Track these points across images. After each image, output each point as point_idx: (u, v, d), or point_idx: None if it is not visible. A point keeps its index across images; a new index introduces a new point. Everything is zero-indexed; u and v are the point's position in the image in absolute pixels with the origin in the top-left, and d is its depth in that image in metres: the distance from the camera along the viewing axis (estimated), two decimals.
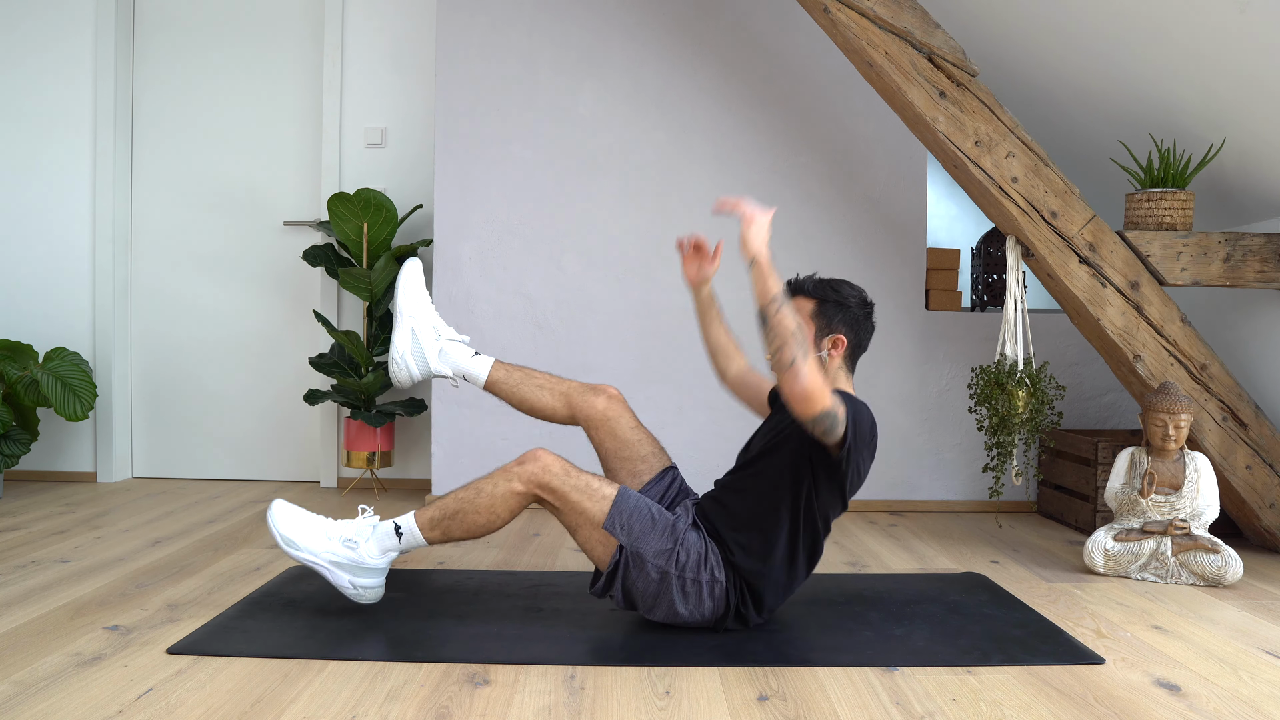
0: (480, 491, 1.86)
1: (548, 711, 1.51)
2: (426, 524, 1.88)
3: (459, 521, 1.87)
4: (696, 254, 2.16)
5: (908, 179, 3.25)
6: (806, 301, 1.96)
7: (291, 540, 1.89)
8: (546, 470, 1.84)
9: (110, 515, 2.98)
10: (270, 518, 1.92)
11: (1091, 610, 2.11)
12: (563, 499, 1.84)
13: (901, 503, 3.27)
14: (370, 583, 1.93)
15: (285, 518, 1.91)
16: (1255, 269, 2.63)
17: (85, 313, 3.60)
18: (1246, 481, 2.63)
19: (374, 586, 1.93)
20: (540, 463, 1.85)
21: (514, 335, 3.25)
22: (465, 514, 1.86)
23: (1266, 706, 1.58)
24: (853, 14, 2.57)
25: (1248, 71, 2.34)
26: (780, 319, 1.72)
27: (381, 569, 1.93)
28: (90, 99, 3.57)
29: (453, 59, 3.23)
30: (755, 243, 1.79)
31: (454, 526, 1.87)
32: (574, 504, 1.84)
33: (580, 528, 1.86)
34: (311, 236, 3.64)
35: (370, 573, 1.92)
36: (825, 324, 1.94)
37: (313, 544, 1.89)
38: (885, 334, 3.25)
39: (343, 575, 1.91)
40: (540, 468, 1.84)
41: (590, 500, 1.84)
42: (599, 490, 1.85)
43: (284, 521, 1.91)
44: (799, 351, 1.70)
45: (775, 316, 1.73)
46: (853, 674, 1.69)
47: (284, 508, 1.93)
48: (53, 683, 1.59)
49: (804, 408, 1.72)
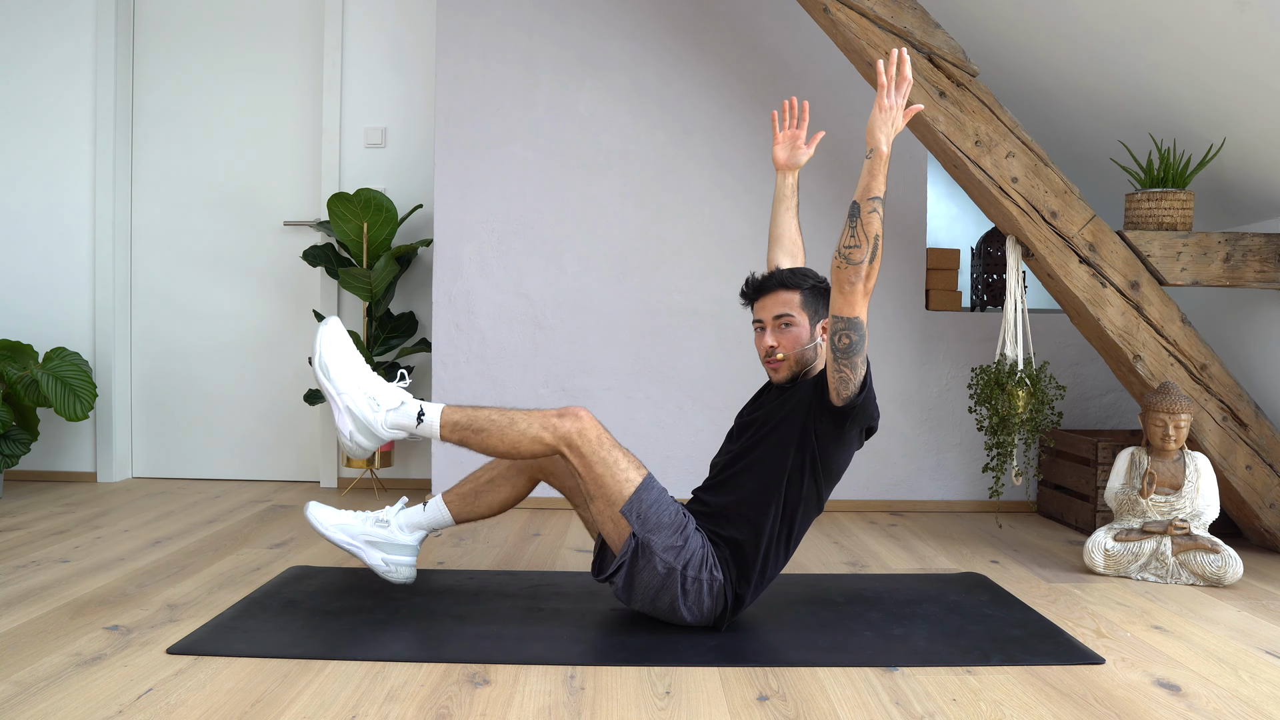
0: (514, 423, 1.88)
1: (548, 711, 1.51)
2: (450, 425, 1.91)
3: (481, 438, 1.89)
4: (792, 135, 2.15)
5: (908, 179, 3.25)
6: (791, 293, 1.96)
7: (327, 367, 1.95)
8: (582, 434, 1.85)
9: (110, 515, 2.98)
10: (320, 336, 1.96)
11: (1091, 610, 2.11)
12: (587, 466, 1.85)
13: (901, 503, 3.27)
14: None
15: (333, 341, 1.97)
16: (1255, 269, 2.63)
17: (85, 313, 3.60)
18: (1246, 481, 2.63)
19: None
20: (580, 424, 1.86)
21: (514, 335, 3.25)
22: (490, 434, 1.89)
23: (1266, 706, 1.58)
24: (853, 14, 2.57)
25: (1248, 71, 2.34)
26: (871, 219, 1.74)
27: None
28: (90, 99, 3.57)
29: (453, 59, 3.23)
30: (883, 132, 1.78)
31: (473, 439, 1.90)
32: (597, 475, 1.85)
33: (595, 499, 1.87)
34: (311, 236, 3.64)
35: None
36: (814, 310, 1.96)
37: (343, 380, 1.94)
38: (885, 334, 3.25)
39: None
40: (577, 430, 1.85)
41: (613, 478, 1.85)
42: (624, 471, 1.86)
43: (331, 344, 1.96)
44: (869, 256, 1.74)
45: (868, 215, 1.75)
46: (853, 674, 1.69)
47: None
48: (53, 683, 1.59)
49: (847, 300, 1.75)
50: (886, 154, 1.77)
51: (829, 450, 1.87)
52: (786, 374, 1.96)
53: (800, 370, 1.96)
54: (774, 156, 2.19)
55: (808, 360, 1.96)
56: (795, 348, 1.93)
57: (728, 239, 3.24)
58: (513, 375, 3.24)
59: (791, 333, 1.94)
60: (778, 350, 1.94)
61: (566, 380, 3.24)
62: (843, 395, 1.80)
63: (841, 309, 1.77)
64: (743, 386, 3.23)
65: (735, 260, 3.23)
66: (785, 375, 1.96)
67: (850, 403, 1.81)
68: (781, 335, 1.95)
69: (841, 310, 1.77)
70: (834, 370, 1.79)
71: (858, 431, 1.88)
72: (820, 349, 1.96)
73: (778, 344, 1.94)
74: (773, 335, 1.95)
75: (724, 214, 3.24)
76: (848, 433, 1.85)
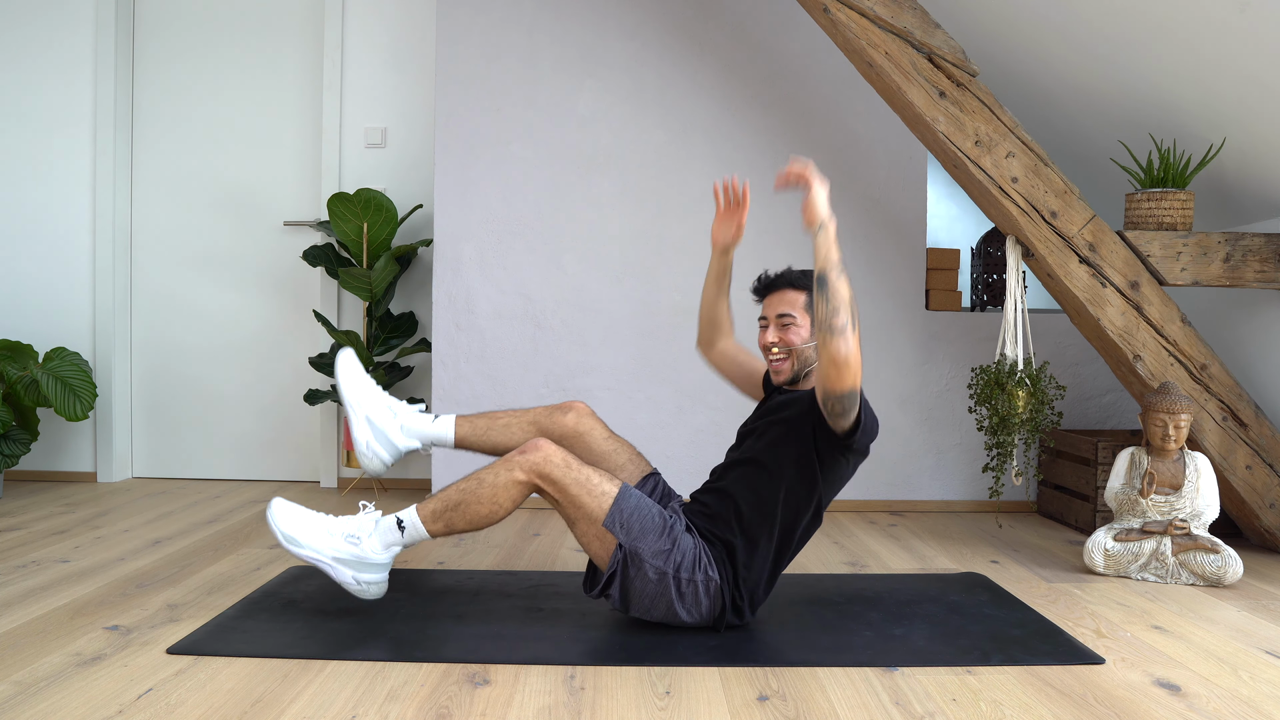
0: (482, 482, 1.86)
1: (548, 711, 1.51)
2: (429, 516, 1.88)
3: (461, 512, 1.87)
4: (730, 215, 2.15)
5: (908, 179, 3.25)
6: (797, 294, 1.99)
7: (293, 538, 1.89)
8: (548, 460, 1.84)
9: (110, 515, 2.98)
10: (270, 516, 1.91)
11: (1091, 610, 2.11)
12: (562, 491, 1.84)
13: (901, 503, 3.27)
14: (374, 578, 1.92)
15: (286, 516, 1.91)
16: (1255, 269, 2.63)
17: (85, 313, 3.60)
18: (1246, 481, 2.63)
19: (378, 582, 1.93)
20: (542, 452, 1.85)
21: (514, 335, 3.25)
22: (468, 504, 1.86)
23: (1266, 706, 1.58)
24: (853, 14, 2.57)
25: (1248, 71, 2.34)
26: (840, 284, 1.76)
27: (385, 564, 1.92)
28: (90, 98, 3.57)
29: (453, 59, 3.23)
30: (823, 209, 1.80)
31: (457, 518, 1.87)
32: (573, 497, 1.84)
33: (578, 521, 1.86)
34: (311, 236, 3.64)
35: (374, 568, 1.91)
36: None
37: (315, 541, 1.89)
38: (885, 334, 3.25)
39: (346, 571, 1.90)
40: (542, 457, 1.84)
41: (589, 495, 1.84)
42: (599, 486, 1.85)
43: (285, 519, 1.90)
44: (850, 320, 1.74)
45: (836, 281, 1.76)
46: (853, 674, 1.69)
47: (284, 506, 1.92)
48: (53, 683, 1.59)
49: (839, 375, 1.75)
50: (833, 224, 1.80)
51: (829, 459, 1.88)
52: (788, 373, 1.99)
53: (802, 369, 1.99)
54: (713, 233, 2.17)
55: (808, 360, 1.98)
56: (793, 346, 1.97)
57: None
58: (513, 375, 3.24)
59: (791, 331, 1.97)
60: (775, 347, 1.98)
61: (566, 380, 3.24)
62: (838, 429, 1.84)
63: (838, 384, 1.76)
64: None
65: (735, 260, 3.23)
66: (787, 374, 1.99)
67: (847, 434, 1.85)
68: (782, 333, 1.98)
69: (838, 386, 1.76)
70: (826, 414, 1.83)
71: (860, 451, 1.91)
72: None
73: (777, 341, 1.98)
74: (774, 332, 1.99)
75: None
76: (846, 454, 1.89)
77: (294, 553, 1.89)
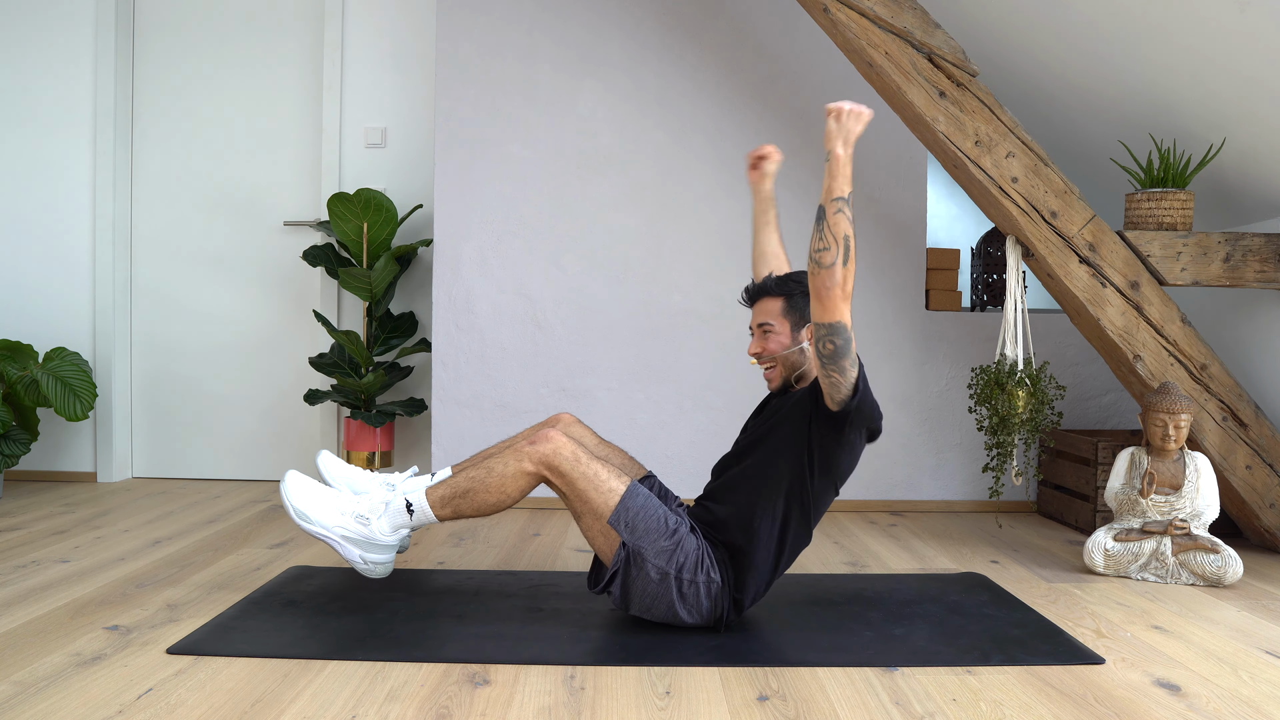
0: (491, 470, 1.87)
1: (548, 711, 1.51)
2: (438, 502, 1.90)
3: (470, 500, 1.88)
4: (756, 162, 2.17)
5: (908, 179, 3.25)
6: (774, 301, 1.98)
7: (304, 513, 1.91)
8: (557, 453, 1.84)
9: (110, 515, 2.98)
10: (284, 489, 1.92)
11: (1091, 610, 2.11)
12: (570, 485, 1.85)
13: (901, 503, 3.27)
14: (381, 558, 1.95)
15: (299, 490, 1.93)
16: (1255, 269, 2.63)
17: (85, 313, 3.60)
18: (1246, 481, 2.63)
19: (384, 562, 1.96)
20: (552, 444, 1.85)
21: (514, 335, 3.25)
22: (476, 492, 1.88)
23: (1266, 706, 1.58)
24: (853, 14, 2.57)
25: (1248, 71, 2.34)
26: (838, 220, 1.71)
27: (392, 545, 1.95)
28: (90, 98, 3.57)
29: (453, 59, 3.23)
30: (834, 138, 1.75)
31: (465, 505, 1.89)
32: (580, 492, 1.85)
33: (583, 515, 1.87)
34: (311, 236, 3.64)
35: (381, 549, 1.94)
36: (799, 316, 1.97)
37: (325, 518, 1.91)
38: (885, 334, 3.25)
39: (354, 550, 1.93)
40: (551, 449, 1.85)
41: (596, 492, 1.84)
42: (606, 483, 1.85)
43: (298, 494, 1.92)
44: (841, 257, 1.70)
45: (834, 216, 1.72)
46: (853, 674, 1.69)
47: (298, 480, 1.94)
48: (53, 683, 1.59)
49: (820, 306, 1.73)
50: (843, 156, 1.74)
51: (830, 455, 1.87)
52: (778, 380, 1.99)
53: (791, 374, 1.99)
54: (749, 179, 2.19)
55: (796, 365, 1.97)
56: (775, 353, 1.96)
57: (728, 239, 3.24)
58: (513, 375, 3.24)
59: (770, 339, 1.97)
60: (758, 356, 1.99)
61: (566, 380, 3.24)
62: (837, 400, 1.80)
63: (820, 315, 1.74)
64: (743, 386, 3.23)
65: (735, 260, 3.23)
66: (777, 381, 2.00)
67: (846, 407, 1.80)
68: (763, 342, 1.98)
69: (821, 316, 1.74)
70: (823, 376, 1.79)
71: (860, 434, 1.87)
72: (807, 353, 1.96)
73: (761, 350, 1.98)
74: (756, 342, 2.00)
75: (724, 214, 3.24)
76: (848, 436, 1.85)
77: (303, 528, 1.91)
